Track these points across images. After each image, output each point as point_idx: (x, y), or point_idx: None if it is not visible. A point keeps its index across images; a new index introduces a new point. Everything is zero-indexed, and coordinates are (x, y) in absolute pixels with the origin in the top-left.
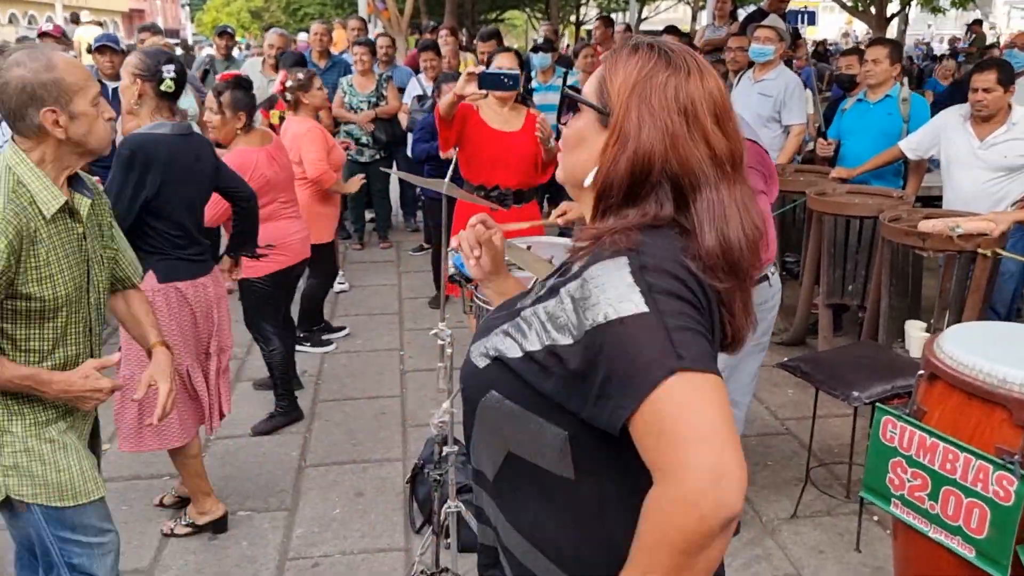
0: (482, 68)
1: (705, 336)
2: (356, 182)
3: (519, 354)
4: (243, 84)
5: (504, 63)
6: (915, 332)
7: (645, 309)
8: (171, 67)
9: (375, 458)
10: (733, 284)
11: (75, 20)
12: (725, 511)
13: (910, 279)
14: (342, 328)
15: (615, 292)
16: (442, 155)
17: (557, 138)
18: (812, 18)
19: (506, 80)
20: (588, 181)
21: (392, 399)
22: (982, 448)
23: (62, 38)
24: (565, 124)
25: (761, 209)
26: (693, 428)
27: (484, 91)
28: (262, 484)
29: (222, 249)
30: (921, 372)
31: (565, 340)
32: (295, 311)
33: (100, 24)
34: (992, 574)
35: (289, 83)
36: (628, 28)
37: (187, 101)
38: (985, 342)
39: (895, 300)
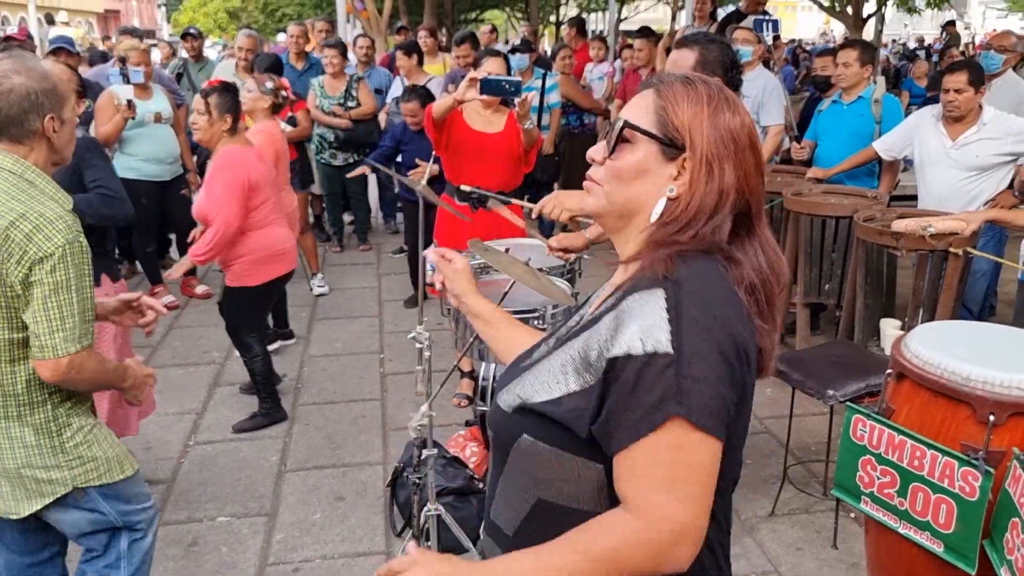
0: (485, 74)
1: (724, 393)
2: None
3: (551, 397)
4: (230, 88)
5: (494, 68)
6: (890, 330)
7: (668, 350)
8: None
9: (355, 462)
10: (769, 314)
11: (50, 21)
12: (673, 567)
13: (885, 278)
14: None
15: (644, 324)
16: (435, 154)
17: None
18: (776, 26)
19: (508, 87)
20: (656, 215)
21: (372, 402)
22: (948, 445)
23: (27, 41)
24: (611, 156)
25: None
26: (678, 485)
27: (486, 97)
28: (241, 489)
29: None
30: (889, 371)
31: (598, 375)
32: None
33: (67, 24)
34: (960, 567)
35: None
36: (602, 37)
37: (161, 103)
38: (950, 341)
39: (870, 299)
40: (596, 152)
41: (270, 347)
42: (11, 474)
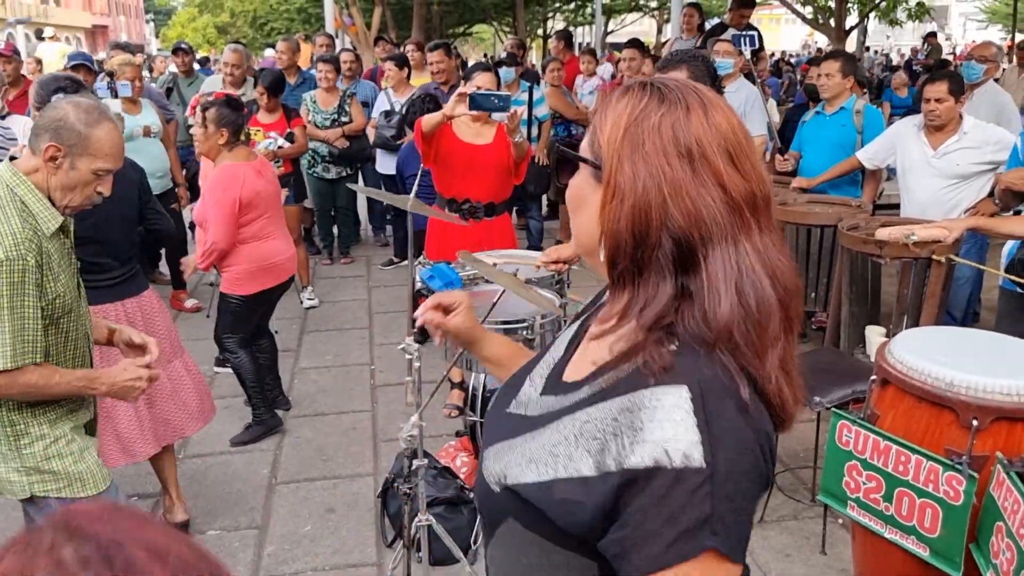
0: (474, 88)
1: (752, 510)
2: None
3: (537, 482)
4: (231, 103)
5: (484, 83)
6: (875, 337)
7: (702, 465)
8: (60, 96)
9: (346, 474)
10: (770, 355)
11: (39, 36)
12: None
13: (869, 286)
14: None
15: (672, 432)
16: (423, 167)
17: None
18: (753, 40)
19: (497, 101)
20: (600, 254)
21: (362, 414)
22: (932, 450)
23: (13, 56)
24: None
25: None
26: None
27: (475, 112)
28: (232, 502)
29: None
30: (874, 377)
31: (600, 470)
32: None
33: (55, 39)
34: (946, 571)
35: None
36: (591, 51)
37: (150, 117)
38: (933, 347)
39: (855, 306)
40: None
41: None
42: None
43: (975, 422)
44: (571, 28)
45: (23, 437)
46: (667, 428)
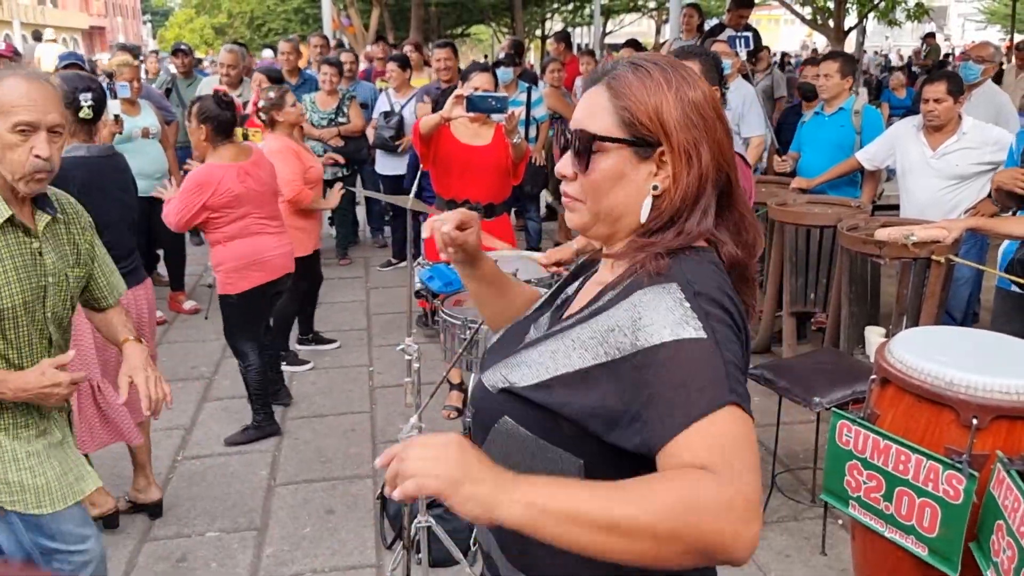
0: (471, 91)
1: (745, 376)
2: (335, 195)
3: (537, 380)
4: (218, 99)
5: (482, 84)
6: (875, 338)
7: (704, 335)
8: (88, 95)
9: (345, 475)
10: (751, 283)
11: (37, 37)
12: (741, 548)
13: (869, 286)
14: (332, 340)
15: (672, 316)
16: (423, 169)
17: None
18: (748, 41)
19: (494, 103)
20: (645, 215)
21: (361, 415)
22: (932, 449)
23: (13, 57)
24: (584, 172)
25: None
26: (743, 460)
27: (472, 114)
28: (231, 504)
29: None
30: (874, 377)
31: (599, 359)
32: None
33: (54, 41)
34: (943, 570)
35: (262, 102)
36: (590, 51)
37: (149, 119)
38: (933, 347)
39: (855, 307)
40: (565, 167)
41: (304, 367)
42: None
43: (975, 421)
44: (569, 29)
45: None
46: (663, 313)
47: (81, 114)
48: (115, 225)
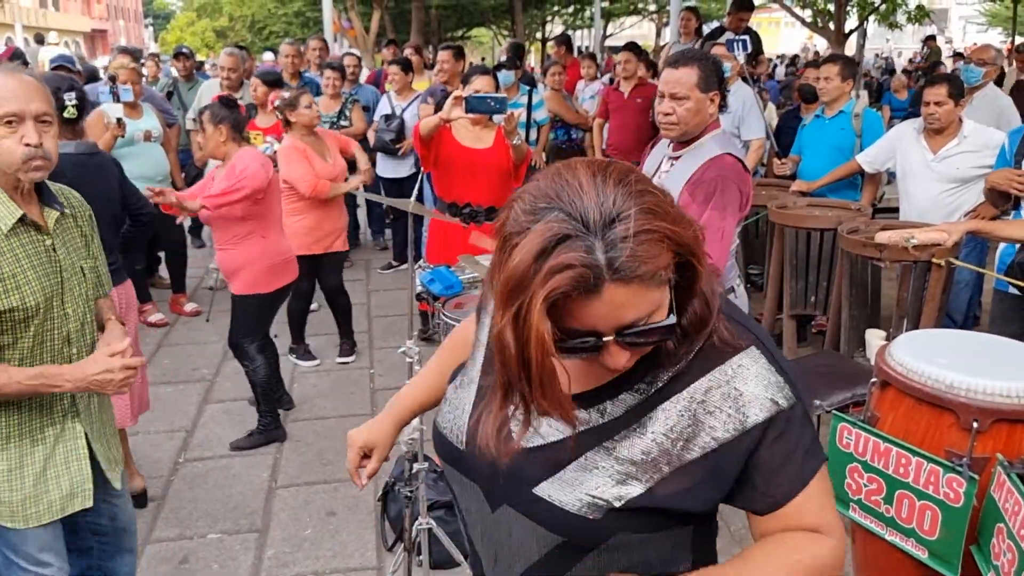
0: (471, 92)
1: None
2: (358, 178)
3: (643, 490)
4: (224, 101)
5: (482, 86)
6: (875, 341)
7: (795, 399)
8: (72, 94)
9: (346, 477)
10: None
11: (40, 40)
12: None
13: (869, 289)
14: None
15: (765, 383)
16: (423, 172)
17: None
18: (746, 44)
19: (494, 104)
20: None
21: (362, 418)
22: (933, 452)
23: (15, 59)
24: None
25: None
26: (832, 509)
27: (471, 115)
28: (232, 506)
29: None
30: (874, 379)
31: (708, 447)
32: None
33: (57, 44)
34: (943, 573)
35: (277, 103)
36: (592, 55)
37: (151, 122)
38: (933, 349)
39: (855, 310)
40: (621, 361)
41: (315, 362)
42: None
43: (975, 424)
44: (569, 32)
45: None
46: (760, 384)
47: (65, 113)
48: (101, 222)
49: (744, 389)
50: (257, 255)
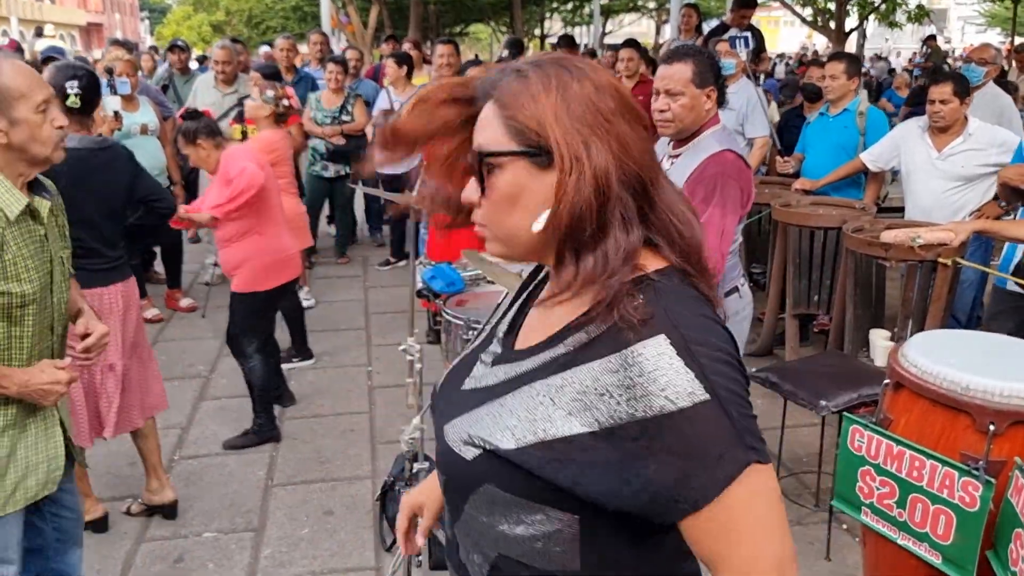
0: None
1: (753, 413)
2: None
3: (519, 445)
4: (185, 116)
5: None
6: (879, 341)
7: (706, 396)
8: (75, 83)
9: (344, 476)
10: (705, 272)
11: (39, 34)
12: None
13: (874, 289)
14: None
15: (666, 379)
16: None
17: None
18: (747, 42)
19: None
20: (539, 224)
21: (360, 416)
22: (947, 455)
23: (15, 54)
24: (485, 193)
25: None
26: (762, 522)
27: None
28: (228, 504)
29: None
30: (887, 381)
31: (592, 427)
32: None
33: (53, 37)
34: None
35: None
36: (592, 52)
37: (148, 115)
38: (948, 350)
39: (859, 310)
40: (470, 193)
41: (285, 366)
42: None
43: (992, 427)
44: (568, 28)
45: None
46: (660, 377)
47: (68, 102)
48: (97, 219)
49: (637, 380)
50: (255, 252)
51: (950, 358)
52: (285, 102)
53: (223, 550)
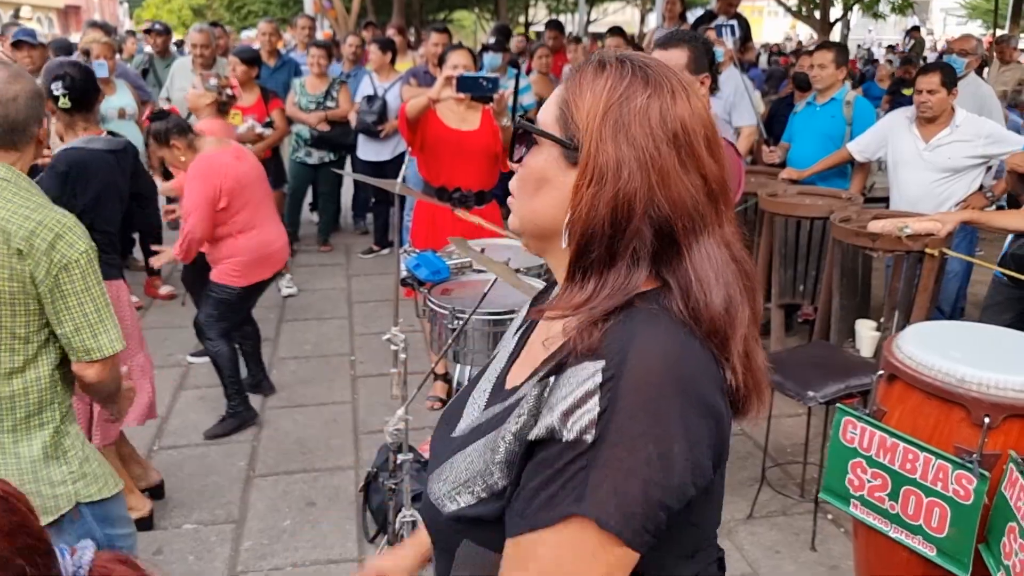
0: (460, 71)
1: (656, 496)
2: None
3: (479, 500)
4: (154, 117)
5: (461, 61)
6: (865, 332)
7: (587, 438)
8: (58, 83)
9: (326, 467)
10: (738, 345)
11: (16, 16)
12: None
13: (860, 279)
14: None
15: (572, 403)
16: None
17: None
18: (733, 30)
19: (485, 84)
20: (564, 241)
21: (343, 406)
22: (941, 447)
23: None
24: (519, 162)
25: None
26: None
27: (462, 95)
28: (208, 495)
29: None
30: (880, 372)
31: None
32: None
33: (30, 20)
34: (953, 572)
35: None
36: (577, 39)
37: (125, 99)
38: (943, 342)
39: (845, 300)
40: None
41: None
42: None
43: (987, 419)
44: (553, 16)
45: (65, 439)
46: (569, 401)
47: (59, 104)
48: (116, 215)
49: (549, 400)
50: (243, 249)
51: (946, 350)
52: (228, 91)
53: (203, 542)
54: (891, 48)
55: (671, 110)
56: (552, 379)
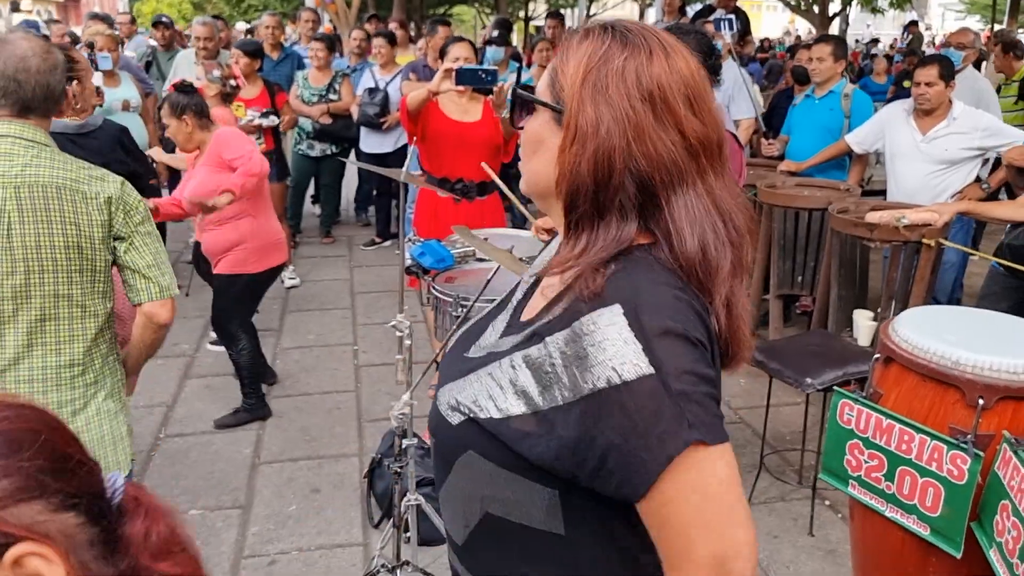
0: (461, 63)
1: (711, 390)
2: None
3: (497, 416)
4: (179, 87)
5: (461, 53)
6: (863, 321)
7: (649, 370)
8: None
9: (330, 454)
10: (720, 293)
11: (15, 8)
12: None
13: (857, 269)
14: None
15: (613, 350)
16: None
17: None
18: (732, 24)
19: (485, 76)
20: (558, 196)
21: (346, 394)
22: (936, 428)
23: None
24: (522, 128)
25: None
26: (698, 513)
27: (462, 88)
28: (214, 482)
29: None
30: (877, 355)
31: (554, 402)
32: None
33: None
34: (945, 550)
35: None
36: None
37: (129, 91)
38: (938, 326)
39: (843, 290)
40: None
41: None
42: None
43: (981, 401)
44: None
45: (123, 387)
46: (608, 348)
47: None
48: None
49: (589, 351)
50: (248, 234)
51: (941, 333)
52: (232, 82)
53: (210, 528)
54: (891, 46)
55: (647, 70)
56: (575, 325)
